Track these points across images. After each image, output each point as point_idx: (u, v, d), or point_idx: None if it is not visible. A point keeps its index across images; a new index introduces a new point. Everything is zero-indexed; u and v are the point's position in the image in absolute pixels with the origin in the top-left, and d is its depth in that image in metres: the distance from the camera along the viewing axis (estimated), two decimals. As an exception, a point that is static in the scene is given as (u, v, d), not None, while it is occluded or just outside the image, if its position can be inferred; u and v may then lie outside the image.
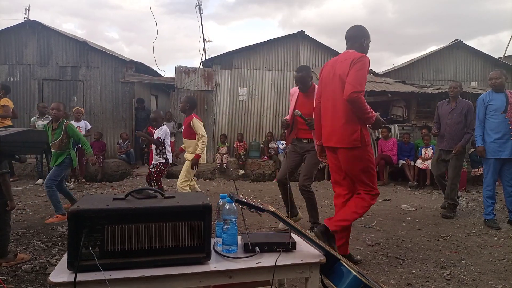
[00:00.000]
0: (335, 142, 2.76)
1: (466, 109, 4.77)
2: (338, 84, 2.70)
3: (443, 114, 4.93)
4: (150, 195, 1.65)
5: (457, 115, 4.78)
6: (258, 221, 4.29)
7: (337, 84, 2.72)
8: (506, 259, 3.28)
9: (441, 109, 4.99)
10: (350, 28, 2.91)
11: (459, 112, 4.79)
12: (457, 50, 10.70)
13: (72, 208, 1.44)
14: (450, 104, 4.91)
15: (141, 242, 1.48)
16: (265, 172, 9.17)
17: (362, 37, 2.85)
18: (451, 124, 4.81)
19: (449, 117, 4.83)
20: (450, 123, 4.81)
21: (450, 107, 4.87)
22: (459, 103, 4.84)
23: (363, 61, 2.61)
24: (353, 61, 2.61)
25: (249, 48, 9.94)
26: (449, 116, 4.84)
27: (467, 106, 4.81)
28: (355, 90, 2.51)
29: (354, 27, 2.90)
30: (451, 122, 4.81)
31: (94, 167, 7.90)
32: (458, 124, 4.76)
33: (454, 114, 4.79)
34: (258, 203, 1.64)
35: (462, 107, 4.80)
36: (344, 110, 2.67)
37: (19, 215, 4.61)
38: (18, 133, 2.76)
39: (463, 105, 4.82)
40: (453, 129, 4.79)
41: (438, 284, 2.73)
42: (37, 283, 2.66)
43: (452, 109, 4.83)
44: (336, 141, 2.75)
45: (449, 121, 4.82)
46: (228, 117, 9.91)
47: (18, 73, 9.50)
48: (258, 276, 1.61)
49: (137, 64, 9.95)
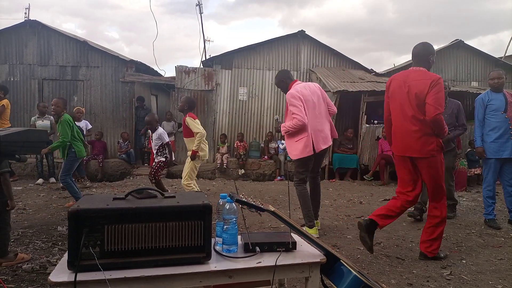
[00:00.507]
0: (412, 153, 3.07)
1: (456, 109, 4.51)
2: (413, 100, 2.98)
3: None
4: (150, 195, 1.65)
5: (448, 116, 4.39)
6: (259, 221, 4.29)
7: (410, 100, 2.99)
8: (507, 259, 3.28)
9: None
10: (417, 45, 3.13)
11: (449, 112, 4.46)
12: (457, 50, 10.70)
13: (72, 208, 1.44)
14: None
15: (142, 242, 1.48)
16: (265, 172, 9.17)
17: (429, 54, 3.08)
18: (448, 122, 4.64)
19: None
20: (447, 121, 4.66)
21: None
22: (448, 103, 4.46)
23: (441, 84, 2.94)
24: (432, 82, 2.90)
25: (249, 48, 9.94)
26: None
27: (457, 106, 4.53)
28: (439, 112, 2.87)
29: (421, 45, 3.12)
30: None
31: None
32: (449, 125, 4.35)
33: (445, 115, 4.36)
34: (258, 203, 1.64)
35: (452, 107, 4.50)
36: (419, 125, 2.98)
37: (19, 215, 4.61)
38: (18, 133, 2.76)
39: (453, 106, 4.51)
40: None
41: (438, 284, 2.73)
42: (37, 283, 2.66)
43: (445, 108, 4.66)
44: (412, 152, 3.06)
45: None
46: (228, 117, 9.91)
47: (18, 72, 9.50)
48: (258, 276, 1.61)
49: (137, 64, 9.95)
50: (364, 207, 5.49)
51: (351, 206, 5.52)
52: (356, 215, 4.93)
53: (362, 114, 8.44)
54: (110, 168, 8.81)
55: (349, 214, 4.94)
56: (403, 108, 3.04)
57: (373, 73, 10.42)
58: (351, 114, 9.34)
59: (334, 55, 10.46)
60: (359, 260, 3.22)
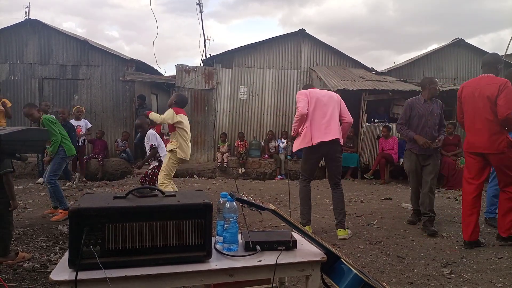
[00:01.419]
0: (484, 149, 3.46)
1: (440, 108, 4.30)
2: (486, 103, 3.41)
3: (422, 113, 4.21)
4: (151, 194, 1.65)
5: (436, 115, 4.22)
6: (259, 219, 4.29)
7: (484, 103, 3.43)
8: (507, 258, 3.28)
9: (419, 108, 4.25)
10: (488, 55, 3.70)
11: (437, 111, 4.24)
12: (458, 49, 10.68)
13: (73, 207, 1.44)
14: (427, 103, 4.25)
15: (142, 241, 1.48)
16: (265, 171, 9.17)
17: (497, 63, 3.54)
18: (431, 126, 4.19)
19: (429, 118, 4.19)
20: (431, 124, 4.18)
21: (429, 106, 4.22)
22: (434, 102, 4.28)
23: (509, 87, 3.33)
24: (501, 86, 3.32)
25: (249, 47, 9.93)
26: (429, 117, 4.19)
27: (441, 105, 4.33)
28: (510, 112, 3.27)
29: (491, 55, 3.66)
30: (431, 123, 4.19)
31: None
32: (435, 125, 4.23)
33: (434, 114, 4.22)
34: (259, 202, 1.64)
35: (438, 106, 4.28)
36: (489, 124, 3.40)
37: (20, 214, 4.61)
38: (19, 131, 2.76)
39: (439, 105, 4.30)
40: (433, 130, 4.19)
41: (439, 283, 2.73)
42: (38, 282, 2.67)
43: (432, 109, 4.23)
44: (484, 148, 3.45)
45: (429, 122, 4.19)
46: (229, 116, 9.91)
47: (19, 72, 9.50)
48: (259, 274, 1.61)
49: (137, 63, 9.94)
50: (365, 206, 5.50)
51: (352, 205, 5.52)
52: (357, 214, 4.93)
53: (362, 113, 8.44)
54: (111, 167, 8.82)
55: (349, 213, 4.94)
56: (476, 110, 3.48)
57: (374, 72, 10.41)
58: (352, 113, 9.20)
59: (334, 53, 10.45)
60: (359, 258, 3.22)
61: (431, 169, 4.14)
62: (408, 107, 4.31)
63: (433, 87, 4.23)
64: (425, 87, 4.27)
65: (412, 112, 4.26)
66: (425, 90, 4.27)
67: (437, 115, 4.20)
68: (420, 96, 4.32)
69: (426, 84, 4.27)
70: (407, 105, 4.32)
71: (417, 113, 4.22)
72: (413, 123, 4.25)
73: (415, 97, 4.37)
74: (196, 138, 9.42)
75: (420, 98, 4.30)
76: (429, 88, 4.22)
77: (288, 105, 10.03)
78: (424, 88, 4.28)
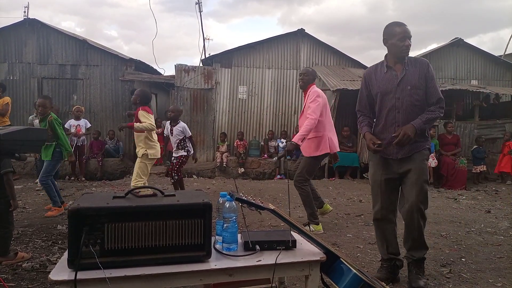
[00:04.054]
0: None
1: (425, 73, 2.53)
2: None
3: (385, 89, 2.58)
4: (150, 194, 1.65)
5: (413, 88, 2.52)
6: (258, 219, 4.29)
7: None
8: (506, 257, 3.29)
9: (377, 81, 2.62)
10: None
11: (415, 82, 2.52)
12: (457, 48, 10.69)
13: (73, 206, 1.44)
14: (392, 70, 2.58)
15: (142, 240, 1.48)
16: (265, 171, 9.17)
17: None
18: (406, 108, 2.52)
19: (399, 95, 2.53)
20: (405, 105, 2.52)
21: (396, 74, 2.55)
22: (409, 66, 2.55)
23: None
24: None
25: (249, 46, 9.93)
26: (398, 94, 2.53)
27: (426, 68, 2.55)
28: None
29: None
30: (406, 103, 2.52)
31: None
32: (413, 106, 2.53)
33: (408, 87, 2.52)
34: (258, 201, 1.64)
35: (417, 71, 2.54)
36: None
37: (19, 214, 4.61)
38: (18, 131, 2.76)
39: (420, 67, 2.55)
40: (408, 115, 2.52)
41: (438, 282, 2.73)
42: (37, 282, 2.66)
43: (402, 79, 2.53)
44: None
45: (399, 102, 2.53)
46: (228, 116, 9.91)
47: (18, 71, 9.49)
48: (259, 274, 1.61)
49: (136, 62, 9.94)
50: (364, 205, 5.50)
51: (351, 204, 5.52)
52: (356, 213, 4.93)
53: (361, 113, 8.41)
54: (110, 167, 8.81)
55: (348, 212, 4.95)
56: None
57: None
58: (351, 113, 9.33)
59: (333, 53, 10.46)
60: (358, 258, 3.22)
61: (415, 178, 2.50)
62: (364, 84, 2.71)
63: (394, 42, 2.50)
64: (386, 44, 2.58)
65: (372, 90, 2.64)
66: (387, 49, 2.61)
67: (414, 88, 2.51)
68: (384, 60, 2.64)
69: (386, 38, 2.56)
70: (363, 79, 2.73)
71: (378, 90, 2.59)
72: (378, 108, 2.65)
73: (375, 64, 2.72)
74: (196, 138, 9.40)
75: (383, 63, 2.63)
76: (389, 43, 2.54)
77: (288, 104, 10.04)
78: (385, 46, 2.60)
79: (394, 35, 2.52)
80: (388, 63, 2.61)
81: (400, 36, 2.50)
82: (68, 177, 7.98)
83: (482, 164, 8.18)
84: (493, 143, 8.81)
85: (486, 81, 10.70)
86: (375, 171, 2.69)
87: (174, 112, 5.19)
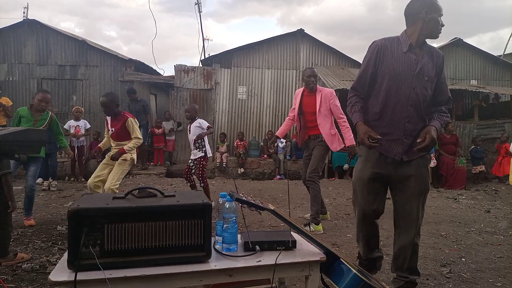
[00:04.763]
0: None
1: (440, 63, 2.22)
2: None
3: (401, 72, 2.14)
4: (150, 194, 1.65)
5: (429, 80, 2.17)
6: (258, 219, 4.29)
7: None
8: (506, 257, 3.29)
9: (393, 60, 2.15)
10: None
11: (432, 73, 2.18)
12: (456, 48, 10.70)
13: (72, 207, 1.43)
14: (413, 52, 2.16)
15: (142, 241, 1.48)
16: (264, 171, 9.17)
17: None
18: (418, 101, 2.16)
19: (414, 84, 2.14)
20: (417, 98, 2.15)
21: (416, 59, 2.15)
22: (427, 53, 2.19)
23: None
24: None
25: (248, 47, 9.93)
26: (414, 82, 2.14)
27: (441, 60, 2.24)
28: None
29: None
30: (418, 96, 2.15)
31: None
32: (426, 99, 2.19)
33: (425, 77, 2.15)
34: (258, 202, 1.64)
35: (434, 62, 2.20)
36: None
37: (18, 214, 4.60)
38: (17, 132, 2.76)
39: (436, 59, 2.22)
40: (420, 110, 2.18)
41: (438, 282, 2.73)
42: (37, 282, 2.66)
43: (422, 66, 2.15)
44: None
45: (413, 93, 2.15)
46: (228, 116, 9.91)
47: (17, 72, 9.48)
48: (258, 274, 1.61)
49: (136, 63, 9.94)
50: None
51: (351, 204, 5.51)
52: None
53: (361, 113, 8.40)
54: (110, 168, 8.79)
55: (348, 212, 4.95)
56: None
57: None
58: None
59: (333, 53, 10.46)
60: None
61: (417, 188, 2.19)
62: (373, 58, 2.19)
63: (435, 17, 2.08)
64: (424, 17, 2.09)
65: (381, 70, 2.17)
66: (415, 24, 2.13)
67: (429, 81, 2.17)
68: (403, 36, 2.18)
69: (428, 10, 2.08)
70: (374, 51, 2.19)
71: (391, 72, 2.14)
72: (379, 92, 2.20)
73: (389, 37, 2.22)
74: (195, 138, 9.39)
75: (402, 40, 2.17)
76: (429, 18, 2.08)
77: (287, 105, 10.03)
78: (416, 19, 2.12)
79: (437, 9, 2.10)
80: (411, 42, 2.14)
81: (441, 12, 2.13)
82: (68, 177, 7.98)
83: (481, 164, 8.20)
84: (493, 143, 8.82)
85: (486, 81, 10.70)
86: (364, 167, 2.27)
87: (189, 112, 4.99)
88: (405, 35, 2.18)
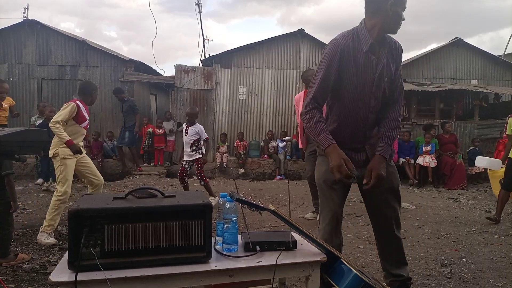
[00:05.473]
0: None
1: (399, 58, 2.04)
2: None
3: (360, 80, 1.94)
4: (151, 195, 1.65)
5: (389, 79, 1.99)
6: (259, 220, 4.28)
7: None
8: (507, 257, 3.29)
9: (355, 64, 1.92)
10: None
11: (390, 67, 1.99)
12: (457, 48, 10.68)
13: (73, 208, 1.43)
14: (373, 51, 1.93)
15: (142, 242, 1.47)
16: (265, 171, 9.17)
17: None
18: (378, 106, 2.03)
19: (373, 89, 1.96)
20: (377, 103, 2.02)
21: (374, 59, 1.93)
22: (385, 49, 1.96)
23: None
24: None
25: (248, 47, 9.93)
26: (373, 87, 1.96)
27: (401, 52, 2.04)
28: None
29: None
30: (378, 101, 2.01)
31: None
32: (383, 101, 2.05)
33: (386, 77, 1.97)
34: (258, 202, 1.64)
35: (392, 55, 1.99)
36: None
37: (19, 215, 4.60)
38: (18, 132, 2.76)
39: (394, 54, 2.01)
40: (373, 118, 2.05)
41: (438, 282, 2.73)
42: (37, 283, 2.66)
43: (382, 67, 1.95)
44: None
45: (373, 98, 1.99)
46: (228, 116, 9.91)
47: (17, 72, 9.49)
48: (259, 275, 1.61)
49: (136, 63, 9.93)
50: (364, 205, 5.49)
51: (351, 204, 5.51)
52: (356, 213, 4.93)
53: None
54: (110, 168, 8.80)
55: (349, 213, 4.94)
56: None
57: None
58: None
59: (333, 53, 10.44)
60: (359, 258, 3.22)
61: (388, 185, 2.11)
62: (336, 61, 1.90)
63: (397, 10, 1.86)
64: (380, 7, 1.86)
65: (344, 74, 1.93)
66: (377, 16, 1.89)
67: (389, 82, 2.00)
68: (363, 30, 1.93)
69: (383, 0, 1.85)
70: (335, 53, 1.89)
71: (351, 75, 1.93)
72: (339, 100, 2.00)
73: (348, 33, 1.94)
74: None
75: (362, 36, 1.92)
76: (388, 10, 1.84)
77: (288, 105, 10.03)
78: (379, 10, 1.88)
79: (403, 2, 1.87)
80: (372, 39, 1.90)
81: (405, 5, 1.88)
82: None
83: None
84: (493, 143, 8.82)
85: (486, 81, 10.69)
86: (328, 170, 1.94)
87: (190, 116, 5.29)
88: (365, 29, 1.92)
